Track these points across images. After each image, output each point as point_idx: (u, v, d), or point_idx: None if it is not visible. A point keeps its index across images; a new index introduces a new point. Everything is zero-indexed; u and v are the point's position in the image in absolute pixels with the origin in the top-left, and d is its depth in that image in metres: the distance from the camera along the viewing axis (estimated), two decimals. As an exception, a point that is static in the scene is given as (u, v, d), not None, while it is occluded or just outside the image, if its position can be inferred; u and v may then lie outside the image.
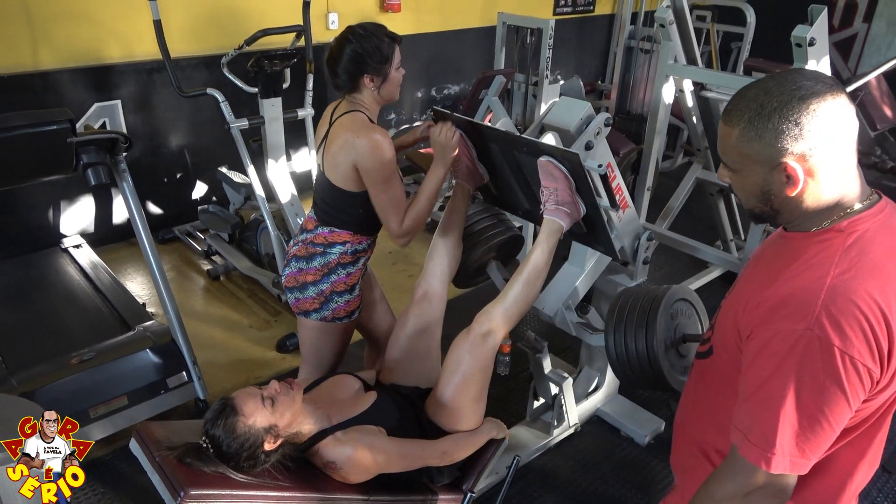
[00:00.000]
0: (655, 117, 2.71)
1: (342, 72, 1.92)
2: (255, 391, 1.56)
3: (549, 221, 1.81)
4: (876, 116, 4.76)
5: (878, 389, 0.99)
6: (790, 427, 0.97)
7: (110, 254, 3.81)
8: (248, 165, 3.15)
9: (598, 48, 6.49)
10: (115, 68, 3.69)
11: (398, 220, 1.94)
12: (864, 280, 0.96)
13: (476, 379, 1.80)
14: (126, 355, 2.49)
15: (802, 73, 1.00)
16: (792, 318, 0.97)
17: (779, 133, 0.97)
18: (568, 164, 1.74)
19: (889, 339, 0.95)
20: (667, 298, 1.92)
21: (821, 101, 0.96)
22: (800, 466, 1.00)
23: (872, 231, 1.01)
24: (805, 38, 2.15)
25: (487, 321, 1.78)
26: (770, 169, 1.01)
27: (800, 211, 1.04)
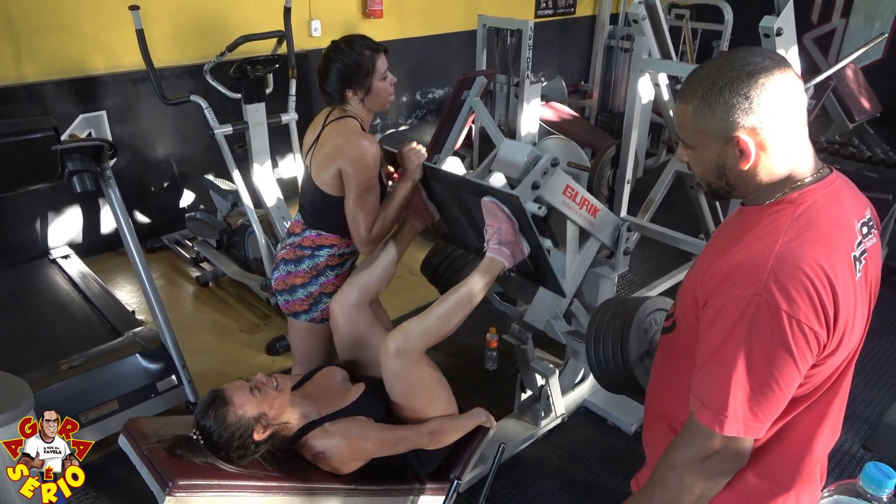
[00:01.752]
0: (632, 111, 2.76)
1: (329, 87, 1.99)
2: (243, 383, 1.60)
3: (490, 259, 1.81)
4: (854, 108, 4.84)
5: (826, 354, 1.02)
6: (742, 391, 1.00)
7: (99, 264, 3.82)
8: (233, 171, 3.18)
9: (581, 49, 6.56)
10: (100, 79, 3.72)
11: (367, 228, 1.98)
12: (810, 247, 0.99)
13: (416, 389, 1.79)
14: (116, 360, 2.51)
15: (752, 50, 1.04)
16: (742, 284, 1.00)
17: (730, 107, 1.01)
18: (509, 205, 1.77)
19: (834, 304, 0.98)
20: (638, 315, 1.99)
21: (769, 76, 1.00)
22: (753, 430, 1.02)
23: (821, 202, 1.05)
24: (773, 28, 2.20)
25: (402, 338, 1.73)
26: (724, 143, 1.05)
27: (754, 185, 1.08)
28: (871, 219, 1.11)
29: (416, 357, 1.75)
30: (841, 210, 1.06)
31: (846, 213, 1.06)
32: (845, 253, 1.02)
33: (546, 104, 4.44)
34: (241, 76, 3.06)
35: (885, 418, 2.72)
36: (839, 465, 2.50)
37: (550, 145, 3.67)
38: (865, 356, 3.11)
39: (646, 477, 1.34)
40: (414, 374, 1.78)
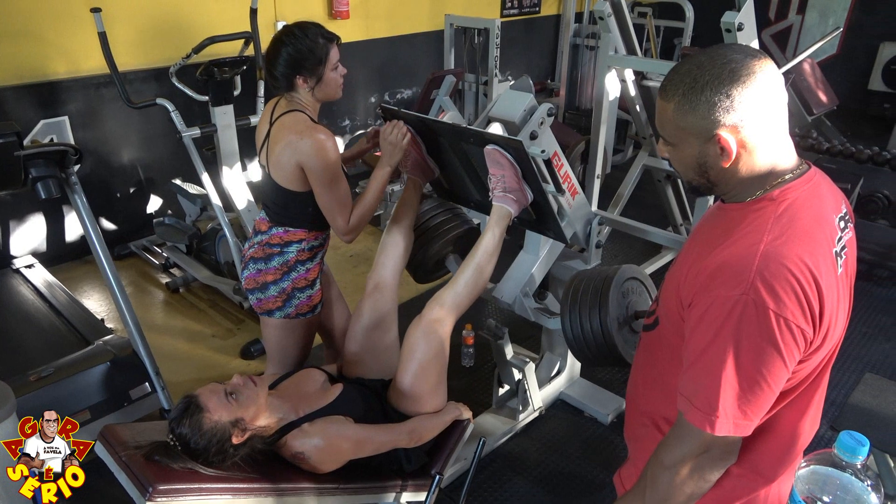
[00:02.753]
0: (600, 107, 2.80)
1: (277, 73, 1.93)
2: (217, 387, 1.58)
3: (498, 208, 1.86)
4: (812, 102, 4.98)
5: (812, 350, 1.03)
6: (731, 390, 1.00)
7: (64, 273, 3.74)
8: (202, 174, 3.14)
9: (546, 48, 6.63)
10: (62, 84, 3.64)
11: (345, 218, 1.97)
12: (795, 245, 1.00)
13: (433, 365, 1.84)
14: (86, 369, 2.45)
15: (733, 47, 1.04)
16: (728, 284, 1.00)
17: (711, 105, 1.00)
18: (513, 151, 1.80)
19: (820, 300, 0.99)
20: (617, 277, 2.00)
21: (750, 74, 0.99)
22: (743, 428, 1.03)
23: (802, 199, 1.05)
24: (734, 24, 2.26)
25: (438, 307, 1.82)
26: (705, 141, 1.04)
27: (735, 182, 1.08)
28: (846, 213, 1.12)
29: (448, 327, 1.82)
30: (821, 206, 1.06)
31: (826, 209, 1.07)
32: (827, 249, 1.03)
33: (514, 102, 4.47)
34: (208, 78, 3.02)
35: (851, 400, 2.81)
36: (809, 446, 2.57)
37: (520, 143, 3.70)
38: (830, 341, 3.20)
39: (629, 473, 1.35)
40: (436, 347, 1.81)
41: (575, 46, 5.64)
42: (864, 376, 2.96)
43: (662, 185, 3.61)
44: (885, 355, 3.13)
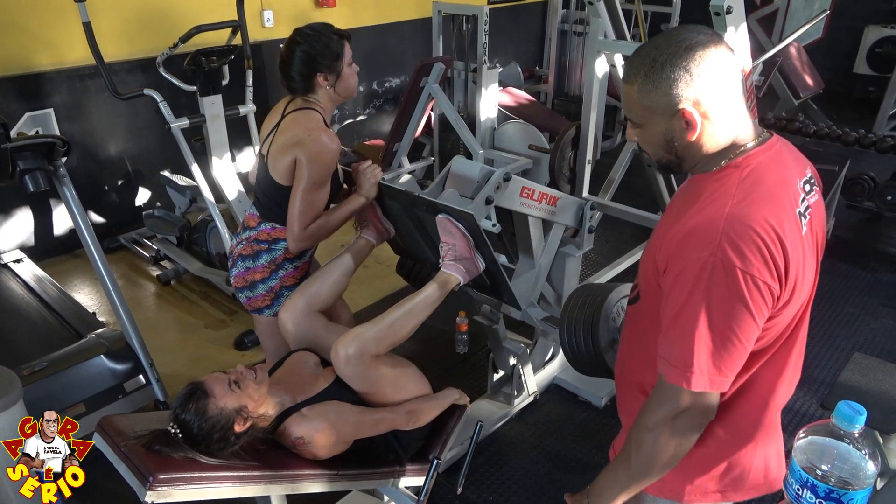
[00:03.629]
0: (591, 92, 2.81)
1: (295, 74, 1.91)
2: (222, 376, 1.58)
3: (446, 275, 1.82)
4: (798, 85, 5.02)
5: (780, 305, 1.08)
6: (705, 347, 1.05)
7: (53, 267, 3.71)
8: (191, 164, 3.12)
9: (534, 34, 6.62)
10: (46, 76, 3.60)
11: (303, 224, 1.92)
12: (758, 207, 1.05)
13: (378, 386, 1.79)
14: (80, 362, 2.45)
15: (687, 27, 1.10)
16: (698, 247, 1.05)
17: (672, 81, 1.06)
18: (464, 223, 1.79)
19: (784, 258, 1.04)
20: (606, 305, 2.04)
21: (705, 50, 1.05)
22: (719, 384, 1.07)
23: (764, 164, 1.11)
24: (723, 7, 2.27)
25: (354, 343, 1.71)
26: (670, 117, 1.09)
27: (701, 154, 1.13)
28: (812, 177, 1.17)
29: (369, 361, 1.73)
30: (783, 170, 1.12)
31: (788, 172, 1.12)
32: (790, 209, 1.08)
33: (503, 89, 4.46)
34: (196, 68, 2.99)
35: (840, 378, 2.85)
36: (800, 424, 2.61)
37: (510, 130, 3.70)
38: (819, 321, 3.25)
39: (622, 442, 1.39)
40: (370, 375, 1.76)
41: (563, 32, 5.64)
42: (852, 356, 3.00)
43: (652, 170, 3.63)
44: (872, 335, 3.18)
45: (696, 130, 1.09)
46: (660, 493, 1.28)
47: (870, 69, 6.50)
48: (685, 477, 1.24)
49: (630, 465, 1.18)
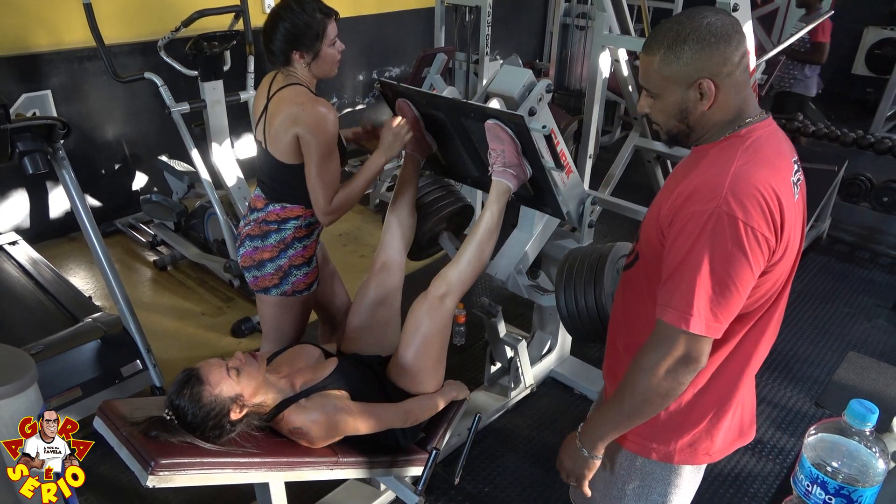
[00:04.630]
0: (594, 87, 2.80)
1: (275, 48, 1.91)
2: (219, 362, 1.57)
3: (498, 183, 1.87)
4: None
5: (774, 261, 1.16)
6: (705, 292, 1.12)
7: (49, 250, 3.68)
8: (191, 150, 3.10)
9: (535, 27, 6.60)
10: (44, 57, 3.56)
11: (327, 197, 1.94)
12: (760, 169, 1.14)
13: (436, 341, 1.86)
14: (76, 346, 2.43)
15: (706, 8, 1.19)
16: (703, 200, 1.13)
17: (693, 54, 1.15)
18: (514, 126, 1.80)
19: (781, 216, 1.12)
20: (612, 254, 2.02)
21: (724, 28, 1.15)
22: (714, 329, 1.14)
23: (764, 137, 1.19)
24: (729, 4, 2.27)
25: (443, 284, 1.84)
26: (687, 87, 1.18)
27: (710, 125, 1.22)
28: (797, 158, 1.26)
29: (451, 305, 1.85)
30: (780, 144, 1.21)
31: (783, 147, 1.22)
32: (786, 177, 1.17)
33: (504, 82, 4.45)
34: (197, 53, 2.97)
35: (835, 377, 2.88)
36: (793, 422, 2.64)
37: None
38: (814, 321, 3.28)
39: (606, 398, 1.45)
40: (440, 324, 1.84)
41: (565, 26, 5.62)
42: (847, 355, 3.03)
43: (652, 166, 3.63)
44: (866, 335, 3.20)
45: (711, 101, 1.17)
46: (648, 454, 1.34)
47: (868, 70, 6.52)
48: (671, 437, 1.32)
49: (623, 404, 1.24)
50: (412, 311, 1.85)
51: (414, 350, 1.84)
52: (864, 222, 4.17)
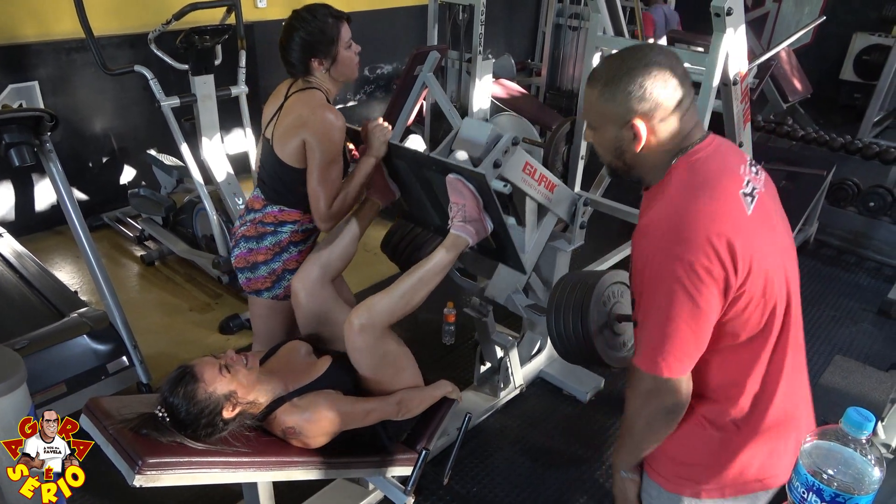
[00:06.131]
0: (587, 88, 2.80)
1: (293, 59, 1.93)
2: (212, 360, 1.56)
3: (455, 237, 1.82)
4: (787, 90, 5.06)
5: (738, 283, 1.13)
6: (658, 334, 1.14)
7: (34, 243, 3.64)
8: (181, 144, 3.07)
9: (527, 27, 6.60)
10: (31, 48, 3.51)
11: (328, 203, 1.94)
12: (699, 199, 1.14)
13: (383, 363, 1.80)
14: (62, 342, 2.40)
15: (650, 45, 1.20)
16: (647, 242, 1.16)
17: (627, 94, 1.15)
18: (475, 183, 1.78)
19: (727, 240, 1.10)
20: (597, 288, 2.03)
21: (662, 70, 1.14)
22: (676, 369, 1.15)
23: (704, 159, 1.19)
24: (723, 8, 2.28)
25: (366, 313, 1.73)
26: (621, 126, 1.18)
27: (649, 166, 1.22)
28: (751, 161, 1.25)
29: (380, 332, 1.76)
30: (723, 159, 1.21)
31: (728, 161, 1.21)
32: (733, 194, 1.15)
33: (496, 81, 4.45)
34: (188, 46, 2.94)
35: (821, 381, 2.90)
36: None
37: (503, 122, 3.70)
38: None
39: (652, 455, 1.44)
40: (379, 349, 1.78)
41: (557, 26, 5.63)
42: (833, 358, 3.05)
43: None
44: (852, 338, 3.23)
45: (642, 143, 1.18)
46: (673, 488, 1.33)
47: (856, 76, 6.59)
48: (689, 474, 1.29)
49: (625, 438, 1.33)
50: (346, 341, 1.76)
51: (368, 373, 1.79)
52: (850, 227, 4.21)
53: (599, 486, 2.32)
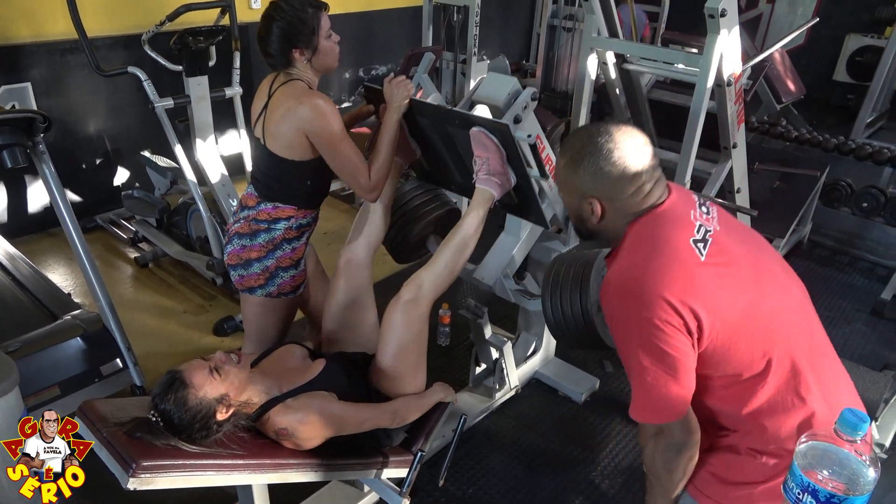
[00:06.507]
0: (581, 89, 2.81)
1: (272, 50, 1.90)
2: (201, 363, 1.56)
3: (481, 191, 1.86)
4: (781, 90, 5.08)
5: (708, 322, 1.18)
6: (641, 388, 1.22)
7: (27, 245, 3.62)
8: (175, 146, 3.06)
9: (522, 28, 6.61)
10: (25, 48, 3.49)
11: (364, 175, 1.93)
12: (648, 259, 1.21)
13: (412, 345, 1.83)
14: (55, 344, 2.39)
15: (617, 126, 1.28)
16: (607, 302, 1.26)
17: (586, 173, 1.25)
18: (499, 134, 1.79)
19: (681, 292, 1.16)
20: (598, 261, 2.02)
21: (621, 152, 1.23)
22: (667, 414, 1.21)
23: (655, 216, 1.27)
24: (717, 10, 2.28)
25: (416, 287, 1.80)
26: (581, 199, 1.30)
27: (609, 234, 1.33)
28: (702, 201, 1.34)
29: (426, 308, 1.82)
30: (674, 212, 1.28)
31: (679, 212, 1.27)
32: (684, 245, 1.22)
33: (491, 82, 4.44)
34: (182, 47, 2.93)
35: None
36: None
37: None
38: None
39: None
40: (416, 328, 1.81)
41: (552, 27, 5.63)
42: (826, 358, 3.06)
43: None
44: (845, 338, 3.25)
45: (599, 218, 1.29)
46: None
47: (849, 77, 6.61)
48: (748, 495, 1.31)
49: (654, 487, 1.37)
50: (386, 316, 1.82)
51: (391, 355, 1.82)
52: (844, 227, 4.23)
53: (595, 486, 2.33)
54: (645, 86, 3.35)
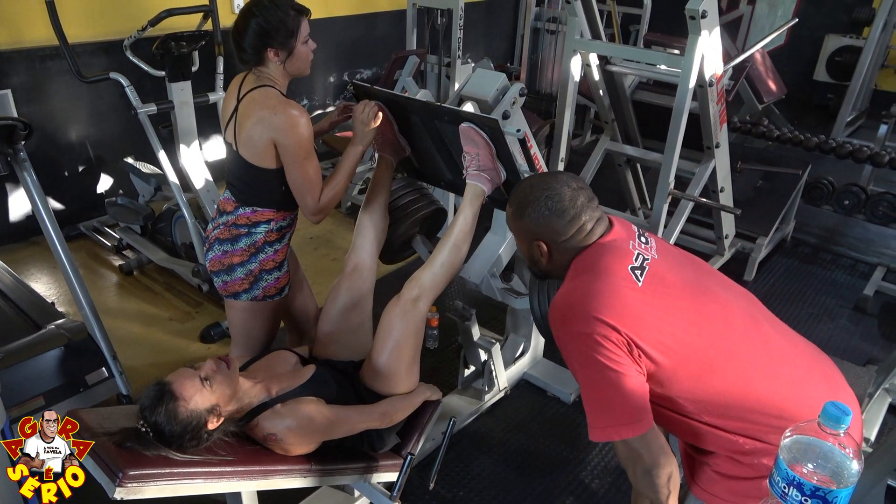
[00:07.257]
0: (565, 91, 2.83)
1: (247, 46, 1.87)
2: (191, 372, 1.54)
3: (472, 186, 1.88)
4: (762, 90, 5.13)
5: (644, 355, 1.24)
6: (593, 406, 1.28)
7: (8, 255, 3.58)
8: (158, 152, 3.04)
9: (506, 31, 6.63)
10: (3, 55, 3.45)
11: (314, 196, 1.93)
12: (584, 284, 1.31)
13: (409, 343, 1.85)
14: (39, 354, 2.36)
15: (556, 176, 1.42)
16: (553, 327, 1.34)
17: (530, 220, 1.39)
18: (488, 130, 1.81)
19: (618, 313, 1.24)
20: None
21: (560, 200, 1.36)
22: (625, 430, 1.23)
23: (595, 247, 1.37)
24: (698, 11, 2.30)
25: (417, 286, 1.83)
26: (530, 243, 1.42)
27: (559, 272, 1.44)
28: (640, 232, 1.43)
29: (425, 307, 1.84)
30: (613, 243, 1.37)
31: (618, 244, 1.37)
32: (621, 271, 1.30)
33: (476, 85, 4.46)
34: (165, 53, 2.91)
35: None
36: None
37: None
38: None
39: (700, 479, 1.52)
40: (413, 326, 1.83)
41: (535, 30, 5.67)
42: (811, 354, 3.09)
43: (622, 170, 3.67)
44: (830, 334, 3.28)
45: (547, 258, 1.41)
46: None
47: (829, 77, 6.70)
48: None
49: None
50: (385, 314, 1.84)
51: (387, 353, 1.83)
52: (826, 224, 4.28)
53: (585, 486, 2.33)
54: (628, 87, 3.38)
